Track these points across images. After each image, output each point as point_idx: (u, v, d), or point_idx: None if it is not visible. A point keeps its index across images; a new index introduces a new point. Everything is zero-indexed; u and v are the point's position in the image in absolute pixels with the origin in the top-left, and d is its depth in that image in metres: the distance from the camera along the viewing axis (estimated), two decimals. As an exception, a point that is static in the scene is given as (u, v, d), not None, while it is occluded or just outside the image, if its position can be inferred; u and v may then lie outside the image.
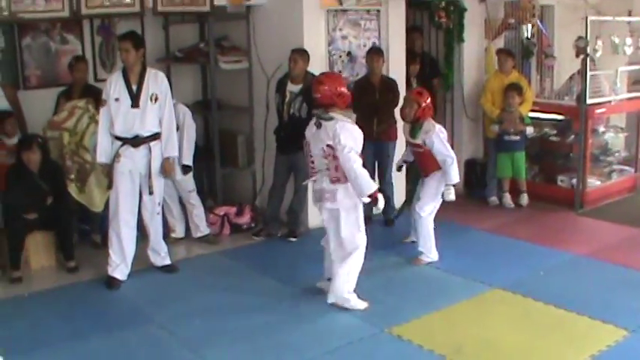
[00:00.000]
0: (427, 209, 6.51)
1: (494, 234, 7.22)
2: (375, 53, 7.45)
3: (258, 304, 5.68)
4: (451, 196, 6.39)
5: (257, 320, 5.39)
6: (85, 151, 6.56)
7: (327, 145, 5.37)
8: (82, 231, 7.18)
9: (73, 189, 6.62)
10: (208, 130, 8.24)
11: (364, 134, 7.28)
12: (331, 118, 5.41)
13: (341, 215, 5.49)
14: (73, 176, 6.59)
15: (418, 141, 6.44)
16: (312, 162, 5.56)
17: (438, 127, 6.40)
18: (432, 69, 8.59)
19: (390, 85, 7.54)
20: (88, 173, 6.55)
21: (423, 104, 6.36)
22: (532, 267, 6.39)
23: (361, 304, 5.53)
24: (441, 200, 6.53)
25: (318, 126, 5.45)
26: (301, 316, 5.47)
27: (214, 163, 7.73)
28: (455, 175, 6.32)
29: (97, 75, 7.66)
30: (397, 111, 7.14)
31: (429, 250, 6.55)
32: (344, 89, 5.52)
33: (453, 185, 6.36)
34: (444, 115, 8.79)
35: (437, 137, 6.29)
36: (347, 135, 5.37)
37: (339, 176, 5.42)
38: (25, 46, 7.39)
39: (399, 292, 5.91)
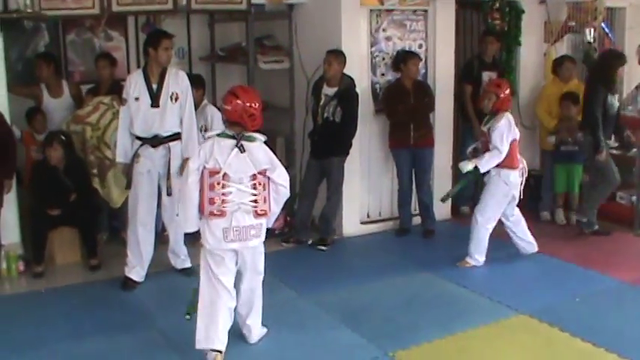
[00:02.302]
0: (486, 215, 6.36)
1: (536, 252, 6.71)
2: (417, 57, 7.14)
3: (269, 316, 5.41)
4: (465, 167, 6.24)
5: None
6: (105, 146, 6.52)
7: (260, 172, 4.55)
8: (113, 228, 7.17)
9: (96, 183, 6.61)
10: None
11: (401, 141, 7.07)
12: (255, 139, 4.58)
13: (258, 251, 4.80)
14: (95, 171, 6.57)
15: (484, 129, 6.34)
16: (226, 195, 4.51)
17: (510, 120, 6.27)
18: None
19: (424, 88, 7.23)
20: (107, 169, 6.51)
21: (502, 95, 6.25)
22: (568, 292, 5.90)
23: None
24: (502, 210, 6.39)
25: (242, 150, 4.52)
26: (306, 329, 5.24)
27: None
28: (486, 165, 6.20)
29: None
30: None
31: (480, 253, 6.42)
32: (257, 110, 4.60)
33: (475, 167, 6.19)
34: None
35: (500, 127, 6.18)
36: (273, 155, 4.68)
37: (266, 209, 4.60)
38: (69, 42, 7.51)
39: (418, 311, 5.56)
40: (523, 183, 6.44)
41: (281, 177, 4.61)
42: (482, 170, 6.21)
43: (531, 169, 8.32)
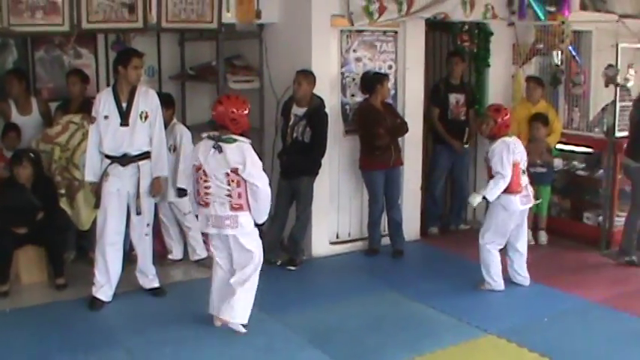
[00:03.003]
0: (486, 237, 6.36)
1: (503, 273, 6.72)
2: (386, 78, 7.19)
3: (235, 336, 5.43)
4: (474, 201, 6.28)
5: (228, 354, 5.15)
6: (74, 168, 6.45)
7: (232, 170, 5.16)
8: (81, 247, 7.08)
9: (64, 203, 6.52)
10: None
11: (381, 162, 7.11)
12: (234, 141, 5.21)
13: (240, 240, 5.33)
14: (63, 191, 6.49)
15: (485, 155, 6.39)
16: (207, 188, 5.26)
17: (507, 143, 6.19)
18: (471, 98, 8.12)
19: (393, 109, 7.32)
20: (75, 191, 6.44)
21: (500, 121, 6.23)
22: (537, 312, 5.96)
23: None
24: (506, 236, 6.35)
25: (218, 149, 5.18)
26: (275, 350, 5.24)
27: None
28: (492, 192, 6.16)
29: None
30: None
31: (490, 277, 6.40)
32: (240, 116, 5.32)
33: (484, 198, 6.21)
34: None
35: (497, 151, 6.17)
36: (254, 157, 5.26)
37: (242, 203, 5.24)
38: (37, 59, 7.42)
39: (386, 331, 5.58)
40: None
41: (250, 176, 5.18)
42: (491, 199, 6.19)
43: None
